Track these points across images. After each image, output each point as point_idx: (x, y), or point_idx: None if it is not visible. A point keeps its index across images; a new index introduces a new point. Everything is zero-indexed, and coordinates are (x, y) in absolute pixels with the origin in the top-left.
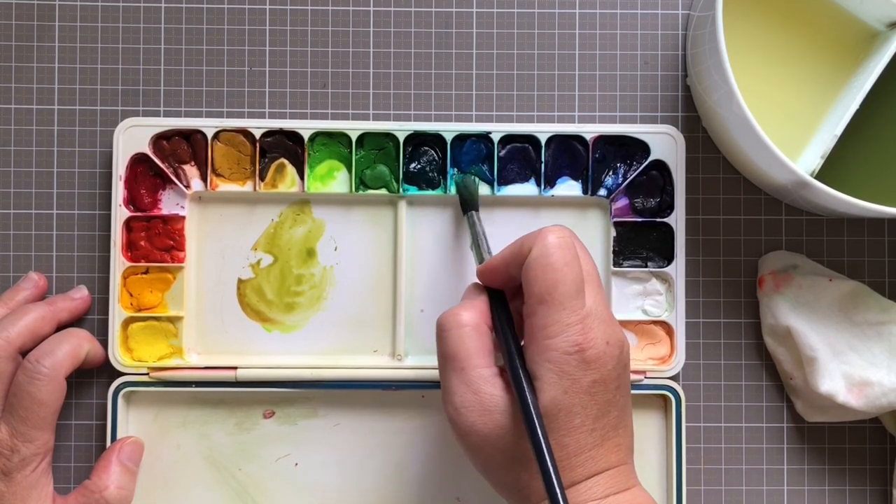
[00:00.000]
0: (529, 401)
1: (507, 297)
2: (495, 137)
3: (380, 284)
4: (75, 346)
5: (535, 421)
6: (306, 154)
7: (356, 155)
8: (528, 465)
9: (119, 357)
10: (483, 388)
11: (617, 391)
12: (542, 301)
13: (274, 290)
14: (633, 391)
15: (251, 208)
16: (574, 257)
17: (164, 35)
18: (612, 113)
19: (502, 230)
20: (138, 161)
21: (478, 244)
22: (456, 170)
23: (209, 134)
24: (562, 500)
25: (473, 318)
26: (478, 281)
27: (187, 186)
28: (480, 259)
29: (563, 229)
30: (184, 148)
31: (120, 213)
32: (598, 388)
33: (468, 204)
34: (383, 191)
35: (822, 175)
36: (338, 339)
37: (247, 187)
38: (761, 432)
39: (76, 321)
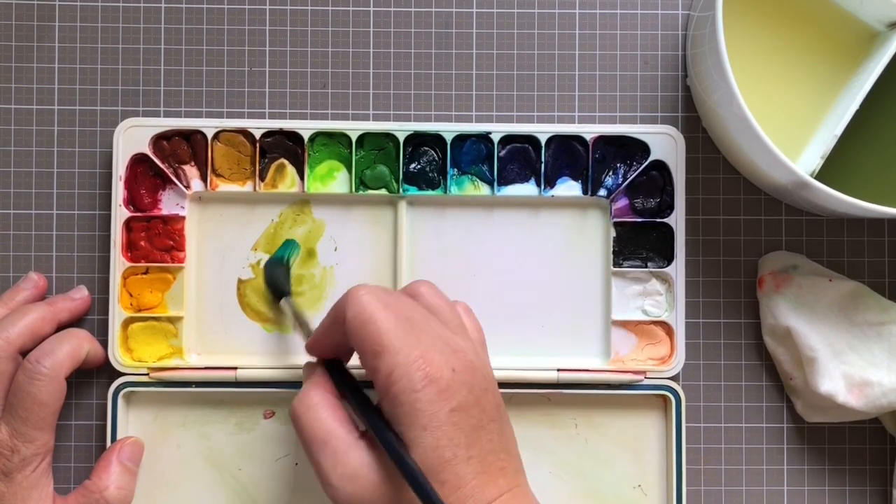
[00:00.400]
0: (395, 445)
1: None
2: (495, 138)
3: (380, 284)
4: (75, 346)
5: (409, 463)
6: (306, 154)
7: (356, 155)
8: None
9: (119, 357)
10: (350, 454)
11: (482, 415)
12: (376, 354)
13: None
14: (633, 391)
15: (251, 208)
16: (388, 303)
17: (164, 35)
18: (612, 113)
19: (502, 230)
20: (138, 161)
21: (300, 325)
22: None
23: (209, 134)
24: None
25: (319, 394)
26: (309, 360)
27: (187, 187)
28: (307, 335)
29: (371, 286)
30: (184, 148)
31: (120, 213)
32: (460, 416)
33: (280, 291)
34: (383, 191)
35: (822, 175)
36: None
37: (247, 187)
38: (761, 432)
39: (76, 321)
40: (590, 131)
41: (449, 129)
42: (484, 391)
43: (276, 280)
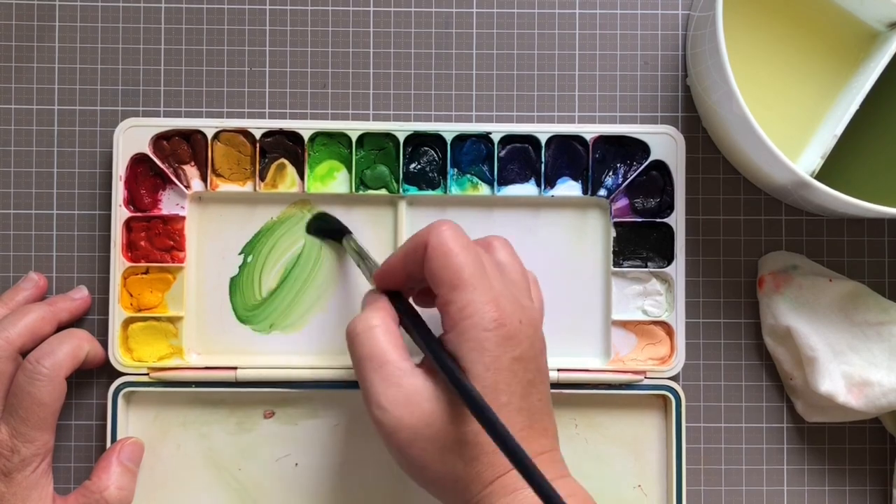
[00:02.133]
0: (460, 376)
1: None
2: (495, 138)
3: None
4: (75, 346)
5: (471, 389)
6: (306, 154)
7: (356, 155)
8: (462, 453)
9: (119, 357)
10: (405, 379)
11: (537, 373)
12: (454, 286)
13: None
14: (633, 391)
15: (251, 208)
16: (469, 242)
17: (164, 35)
18: (612, 113)
19: (502, 230)
20: (138, 161)
21: (364, 260)
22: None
23: (209, 134)
24: (523, 455)
25: (381, 318)
26: (372, 289)
27: (187, 186)
28: (370, 272)
29: (452, 222)
30: (184, 148)
31: (120, 213)
32: (519, 367)
33: (339, 231)
34: (383, 191)
35: (822, 175)
36: (338, 339)
37: (247, 187)
38: (761, 432)
39: (76, 321)
40: (590, 131)
41: (449, 129)
42: (541, 351)
43: (333, 221)
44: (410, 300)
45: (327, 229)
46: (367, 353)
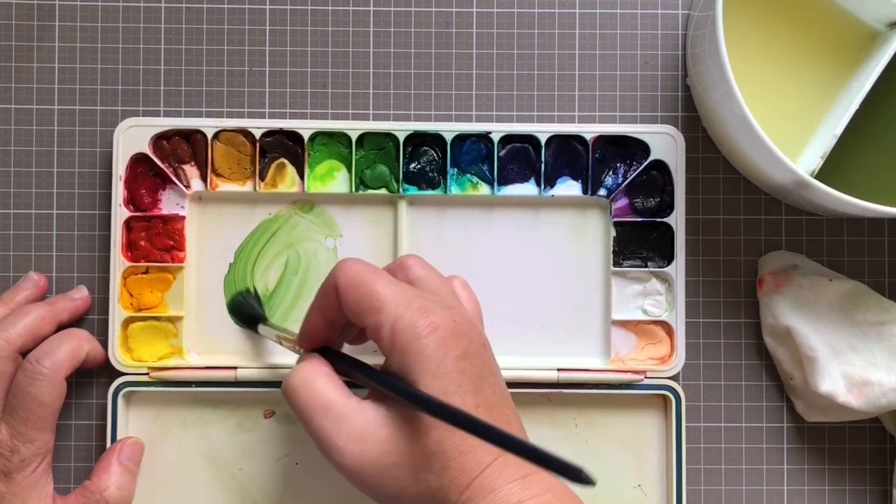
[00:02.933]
0: (405, 386)
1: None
2: (495, 137)
3: None
4: (75, 346)
5: (422, 394)
6: (306, 154)
7: (356, 155)
8: (432, 465)
9: (119, 357)
10: (353, 415)
11: (483, 366)
12: (377, 310)
13: None
14: (633, 391)
15: (251, 208)
16: (375, 268)
17: (164, 35)
18: (612, 113)
19: (502, 230)
20: (138, 161)
21: (285, 338)
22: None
23: (209, 134)
24: (503, 432)
25: (313, 366)
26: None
27: (187, 186)
28: (295, 343)
29: (353, 258)
30: (184, 148)
31: (120, 213)
32: (465, 364)
33: (254, 318)
34: (383, 191)
35: (822, 175)
36: None
37: (247, 187)
38: (761, 432)
39: (76, 321)
40: (590, 131)
41: (449, 129)
42: (482, 345)
43: (251, 307)
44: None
45: (243, 317)
46: (308, 402)
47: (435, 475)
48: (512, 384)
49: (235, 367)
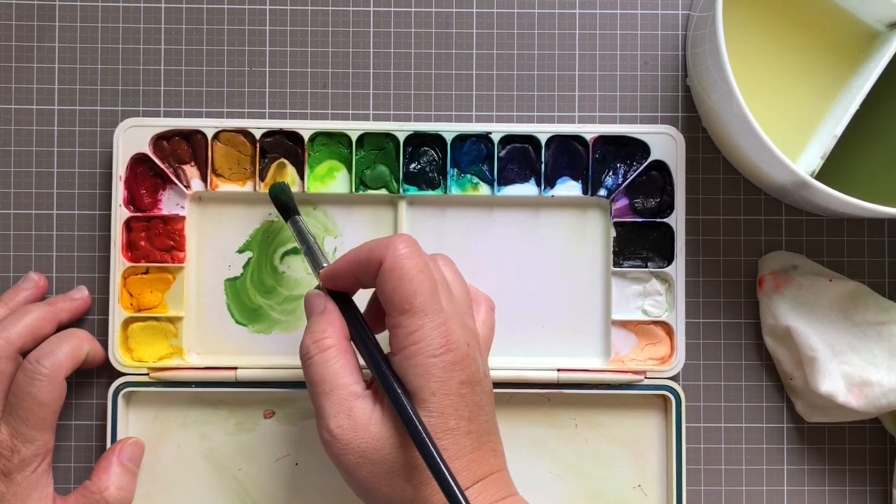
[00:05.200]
0: (407, 406)
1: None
2: (495, 138)
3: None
4: (75, 346)
5: (418, 424)
6: (306, 154)
7: (356, 155)
8: (410, 476)
9: (119, 357)
10: (355, 405)
11: (483, 395)
12: (404, 310)
13: None
14: (633, 391)
15: (251, 208)
16: (425, 264)
17: (164, 35)
18: (612, 113)
19: (502, 230)
20: (138, 161)
21: (309, 249)
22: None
23: (209, 134)
24: (463, 499)
25: (334, 337)
26: (315, 290)
27: (187, 186)
28: (315, 262)
29: (409, 238)
30: (184, 148)
31: (120, 213)
32: (467, 390)
33: (288, 208)
34: (383, 191)
35: (822, 175)
36: None
37: (247, 187)
38: (761, 432)
39: (76, 321)
40: (590, 131)
41: (449, 129)
42: (485, 374)
43: (288, 195)
44: None
45: (279, 203)
46: (319, 378)
47: (412, 486)
48: (512, 384)
49: (235, 368)
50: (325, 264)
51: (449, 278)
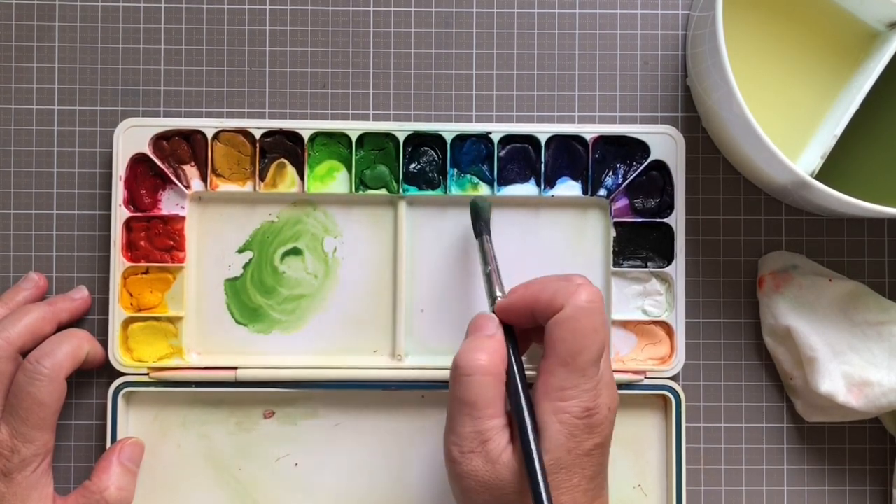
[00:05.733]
0: (536, 459)
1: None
2: (495, 137)
3: (380, 284)
4: (75, 346)
5: (541, 480)
6: (306, 154)
7: (356, 155)
8: None
9: (119, 357)
10: (494, 437)
11: (606, 454)
12: (565, 364)
13: None
14: (633, 391)
15: (251, 208)
16: (601, 324)
17: (164, 35)
18: (612, 113)
19: (502, 230)
20: (138, 161)
21: (490, 273)
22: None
23: (209, 134)
24: None
25: (495, 361)
26: (488, 314)
27: (187, 186)
28: (491, 288)
29: (595, 289)
30: (184, 148)
31: (120, 213)
32: (597, 451)
33: (483, 227)
34: (383, 191)
35: (822, 175)
36: (338, 339)
37: (247, 187)
38: (761, 432)
39: (76, 321)
40: (590, 131)
41: (449, 129)
42: (613, 430)
43: (487, 214)
44: None
45: (478, 217)
46: (469, 399)
47: None
48: None
49: (235, 368)
50: (499, 294)
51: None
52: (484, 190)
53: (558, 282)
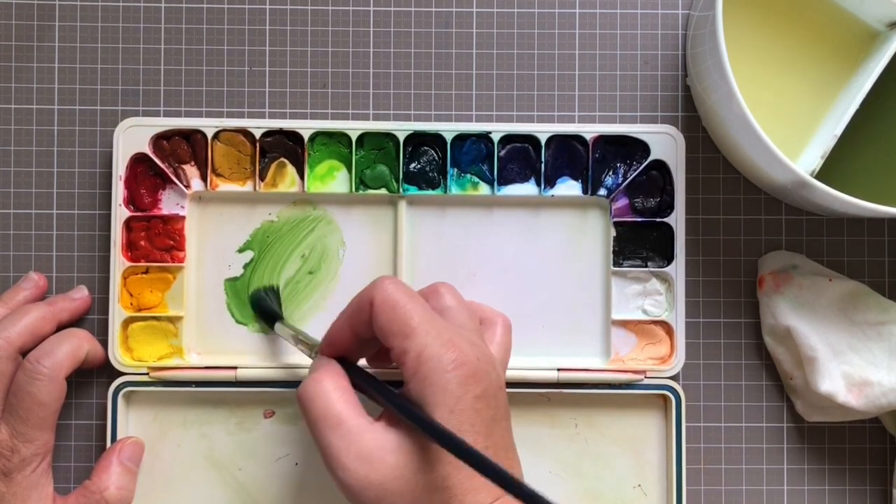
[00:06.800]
0: (423, 415)
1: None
2: (495, 137)
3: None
4: (75, 346)
5: (438, 425)
6: (306, 154)
7: (356, 155)
8: (432, 499)
9: (119, 357)
10: (365, 435)
11: (497, 409)
12: (406, 335)
13: None
14: (633, 391)
15: (251, 208)
16: (413, 293)
17: (164, 35)
18: (612, 113)
19: (502, 230)
20: (138, 161)
21: (300, 341)
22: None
23: (209, 134)
24: (512, 476)
25: (331, 377)
26: (319, 358)
27: (187, 186)
28: (311, 349)
29: (393, 277)
30: (184, 148)
31: (120, 212)
32: (482, 404)
33: (272, 316)
34: (383, 191)
35: (822, 175)
36: None
37: (247, 187)
38: (761, 432)
39: (76, 321)
40: (590, 131)
41: (449, 129)
42: (500, 388)
43: (271, 304)
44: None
45: (261, 312)
46: (321, 415)
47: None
48: (512, 384)
49: (235, 367)
50: (316, 342)
51: (450, 304)
52: (484, 190)
53: (357, 295)
